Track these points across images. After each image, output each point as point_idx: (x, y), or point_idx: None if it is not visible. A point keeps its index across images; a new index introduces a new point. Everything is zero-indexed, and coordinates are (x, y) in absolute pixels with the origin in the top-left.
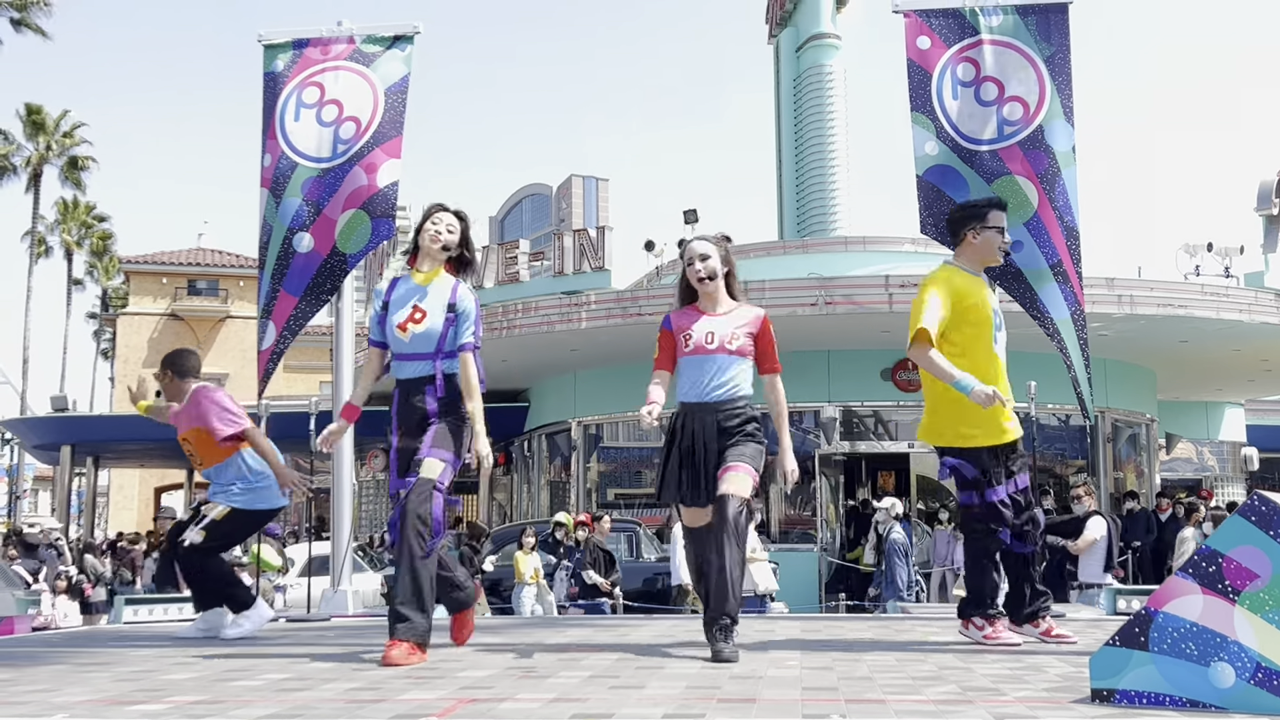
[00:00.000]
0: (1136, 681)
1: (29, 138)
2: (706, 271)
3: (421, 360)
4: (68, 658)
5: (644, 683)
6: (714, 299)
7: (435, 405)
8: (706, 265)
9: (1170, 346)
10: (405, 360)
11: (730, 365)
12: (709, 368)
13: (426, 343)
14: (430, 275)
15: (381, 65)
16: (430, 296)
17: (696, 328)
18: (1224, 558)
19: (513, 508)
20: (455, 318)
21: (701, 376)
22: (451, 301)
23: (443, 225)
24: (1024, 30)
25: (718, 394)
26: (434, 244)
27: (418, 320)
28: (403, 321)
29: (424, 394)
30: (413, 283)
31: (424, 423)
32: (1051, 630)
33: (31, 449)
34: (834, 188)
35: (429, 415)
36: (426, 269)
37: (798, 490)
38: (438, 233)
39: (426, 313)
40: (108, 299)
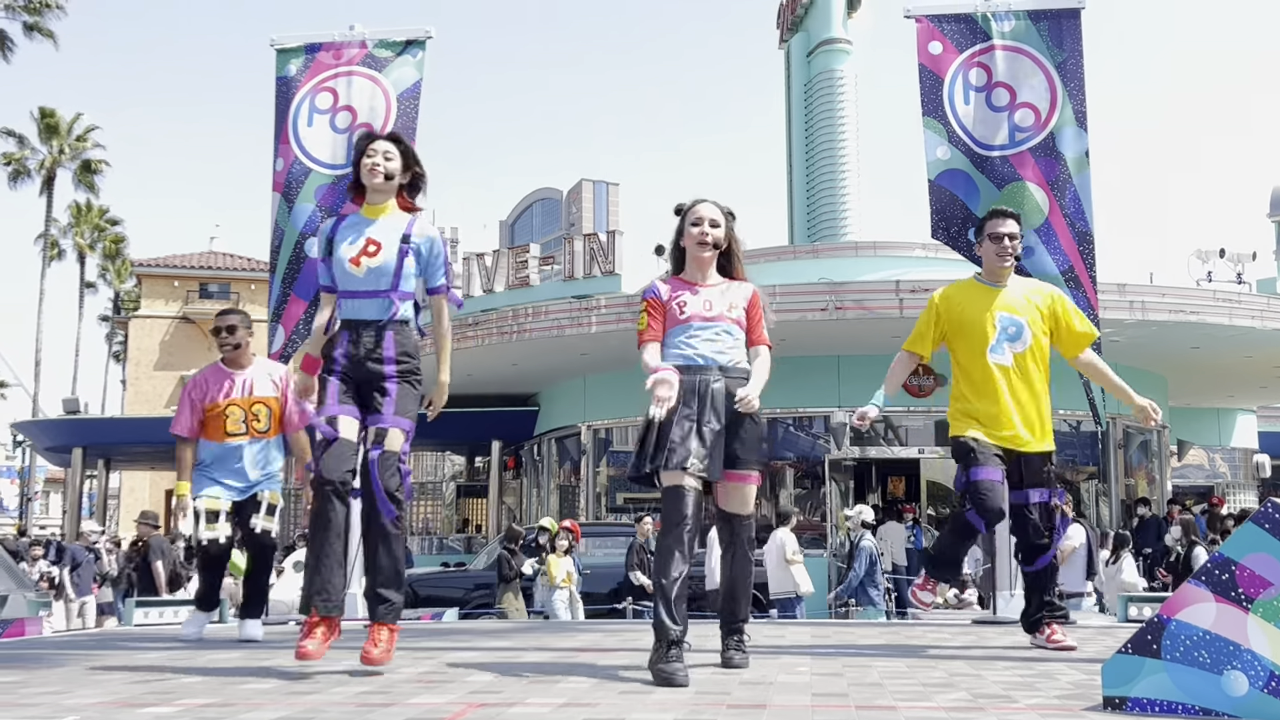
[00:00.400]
0: (1149, 689)
1: (43, 141)
2: (714, 239)
3: (377, 298)
4: (78, 660)
5: (654, 688)
6: (705, 271)
7: (393, 358)
8: (715, 233)
9: (1182, 353)
10: (359, 298)
11: (732, 331)
12: (710, 332)
13: (381, 278)
14: (379, 209)
15: (394, 70)
16: (382, 229)
17: (690, 297)
18: (1237, 565)
19: (522, 511)
20: (409, 250)
21: (703, 343)
22: (406, 233)
23: (379, 155)
24: (1036, 36)
25: (723, 359)
26: (374, 177)
27: (371, 253)
28: (355, 255)
29: (380, 342)
30: (361, 216)
31: (381, 379)
32: (1052, 636)
33: (43, 451)
34: (844, 193)
35: (386, 374)
36: (376, 203)
37: (807, 495)
38: (375, 165)
39: (381, 245)
40: (120, 302)
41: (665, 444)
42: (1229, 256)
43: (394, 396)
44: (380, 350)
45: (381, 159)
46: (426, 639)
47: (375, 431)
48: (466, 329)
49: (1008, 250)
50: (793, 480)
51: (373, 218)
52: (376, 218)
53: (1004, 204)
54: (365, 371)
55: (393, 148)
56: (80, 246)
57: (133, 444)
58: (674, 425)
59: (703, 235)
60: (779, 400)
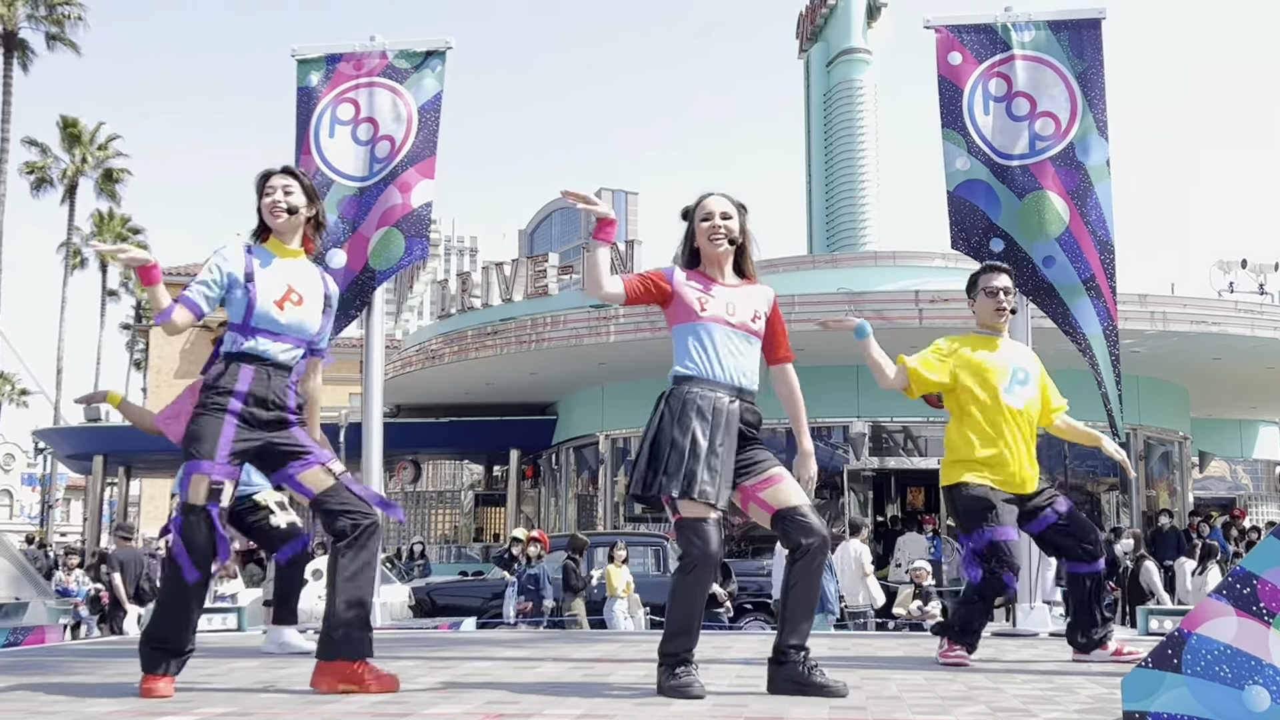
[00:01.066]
0: (1169, 704)
1: (65, 150)
2: (728, 232)
3: (295, 346)
4: (97, 668)
5: (670, 700)
6: (722, 268)
7: (293, 409)
8: (729, 225)
9: (1203, 364)
10: (275, 339)
11: (752, 347)
12: (730, 342)
13: (301, 331)
14: (294, 252)
15: (414, 82)
16: (304, 280)
17: (715, 291)
18: (1259, 580)
19: (540, 521)
20: (329, 312)
21: (723, 352)
22: (326, 293)
23: (278, 190)
24: (1056, 46)
25: (742, 380)
26: (276, 216)
27: (296, 303)
28: (280, 298)
29: (287, 386)
30: (273, 255)
31: (284, 425)
32: (1122, 650)
33: (64, 459)
34: (864, 202)
35: (287, 416)
36: (289, 244)
37: (825, 505)
38: (275, 202)
39: (303, 298)
40: (141, 310)
41: (675, 466)
42: (1251, 267)
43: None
44: (286, 399)
45: (281, 194)
46: (443, 648)
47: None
48: (485, 338)
49: (1004, 304)
50: (811, 490)
51: (285, 257)
52: (291, 258)
53: (1025, 214)
54: (268, 417)
55: (293, 182)
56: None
57: (153, 451)
58: (686, 446)
59: (714, 229)
60: None
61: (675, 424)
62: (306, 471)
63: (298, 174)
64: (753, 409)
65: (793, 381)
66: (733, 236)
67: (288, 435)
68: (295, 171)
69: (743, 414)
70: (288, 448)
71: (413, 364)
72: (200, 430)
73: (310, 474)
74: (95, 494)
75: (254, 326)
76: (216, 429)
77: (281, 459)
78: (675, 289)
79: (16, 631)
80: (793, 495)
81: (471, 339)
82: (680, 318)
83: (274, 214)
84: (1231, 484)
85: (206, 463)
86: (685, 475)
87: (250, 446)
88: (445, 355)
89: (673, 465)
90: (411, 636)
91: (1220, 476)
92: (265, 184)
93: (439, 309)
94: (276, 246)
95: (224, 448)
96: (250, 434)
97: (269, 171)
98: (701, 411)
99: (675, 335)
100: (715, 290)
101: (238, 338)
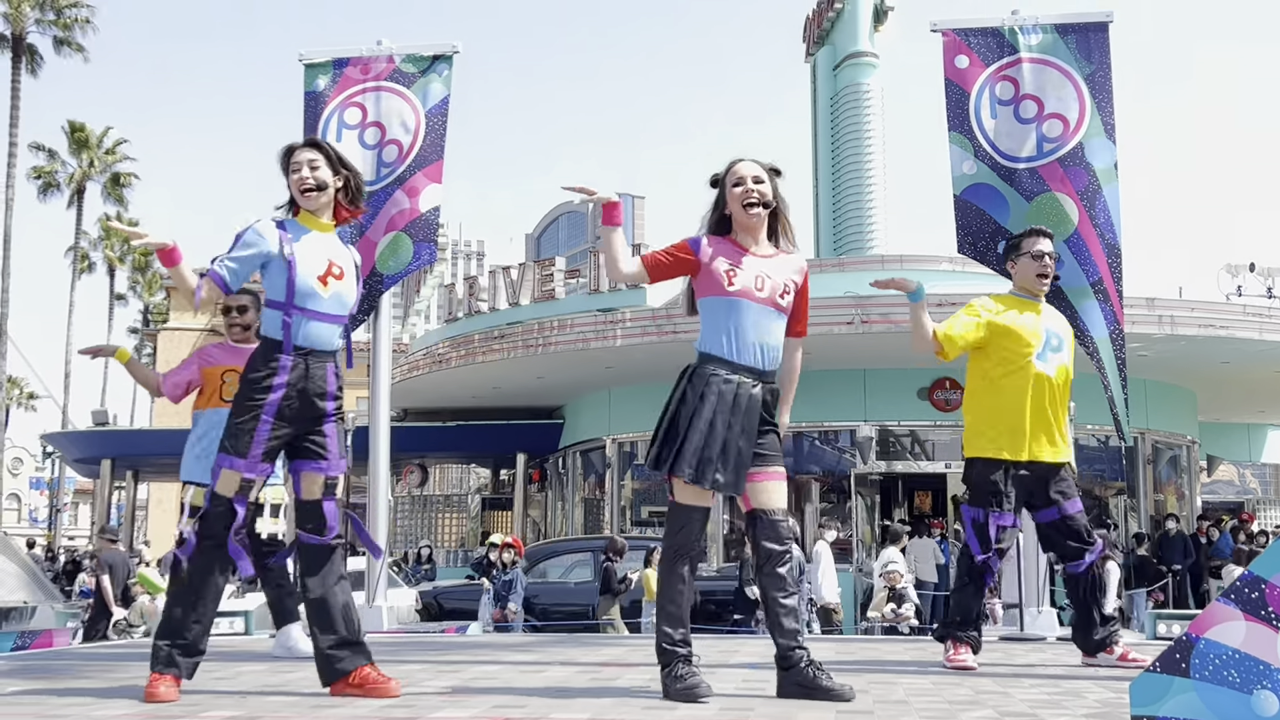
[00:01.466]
0: (1177, 709)
1: (72, 154)
2: (760, 197)
3: (337, 323)
4: (107, 672)
5: (677, 704)
6: (756, 236)
7: (334, 393)
8: (761, 190)
9: (1212, 367)
10: (319, 321)
11: (779, 325)
12: (759, 320)
13: (343, 305)
14: (326, 226)
15: (421, 86)
16: (339, 254)
17: (745, 263)
18: (1267, 584)
19: (547, 525)
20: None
21: (749, 331)
22: (358, 262)
23: (304, 166)
24: (1064, 49)
25: (768, 361)
26: (304, 195)
27: (338, 276)
28: (322, 274)
29: (327, 371)
30: (309, 230)
31: (321, 418)
32: (1127, 655)
33: (72, 462)
34: (871, 206)
35: (327, 412)
36: (322, 219)
37: (832, 510)
38: (303, 179)
39: (344, 272)
40: (149, 314)
41: (692, 449)
42: (1259, 271)
43: (335, 437)
44: (326, 385)
45: (307, 169)
46: (450, 652)
47: (325, 481)
48: (492, 341)
49: (1048, 268)
50: (819, 494)
51: (320, 231)
52: (324, 232)
53: (1034, 217)
54: (306, 409)
55: (317, 155)
56: (110, 259)
57: (161, 455)
58: (703, 431)
59: (747, 194)
60: (804, 414)
61: (697, 404)
62: (309, 474)
63: (323, 145)
64: (773, 388)
65: (796, 360)
66: (766, 200)
67: (318, 433)
68: (320, 143)
69: (764, 397)
70: (311, 447)
71: (420, 368)
72: (237, 425)
73: (310, 477)
74: (103, 498)
75: (296, 305)
76: (253, 426)
77: (299, 453)
78: (702, 260)
79: (24, 635)
80: (775, 498)
81: (478, 343)
82: (708, 289)
83: (302, 192)
84: (1240, 488)
85: (239, 460)
86: (700, 462)
87: (281, 441)
88: (452, 359)
89: (689, 447)
90: (418, 640)
91: (1229, 481)
92: (290, 160)
93: (446, 313)
94: (309, 221)
95: (258, 445)
96: (283, 428)
97: (292, 146)
98: (723, 396)
99: (701, 308)
100: (746, 261)
101: (280, 318)
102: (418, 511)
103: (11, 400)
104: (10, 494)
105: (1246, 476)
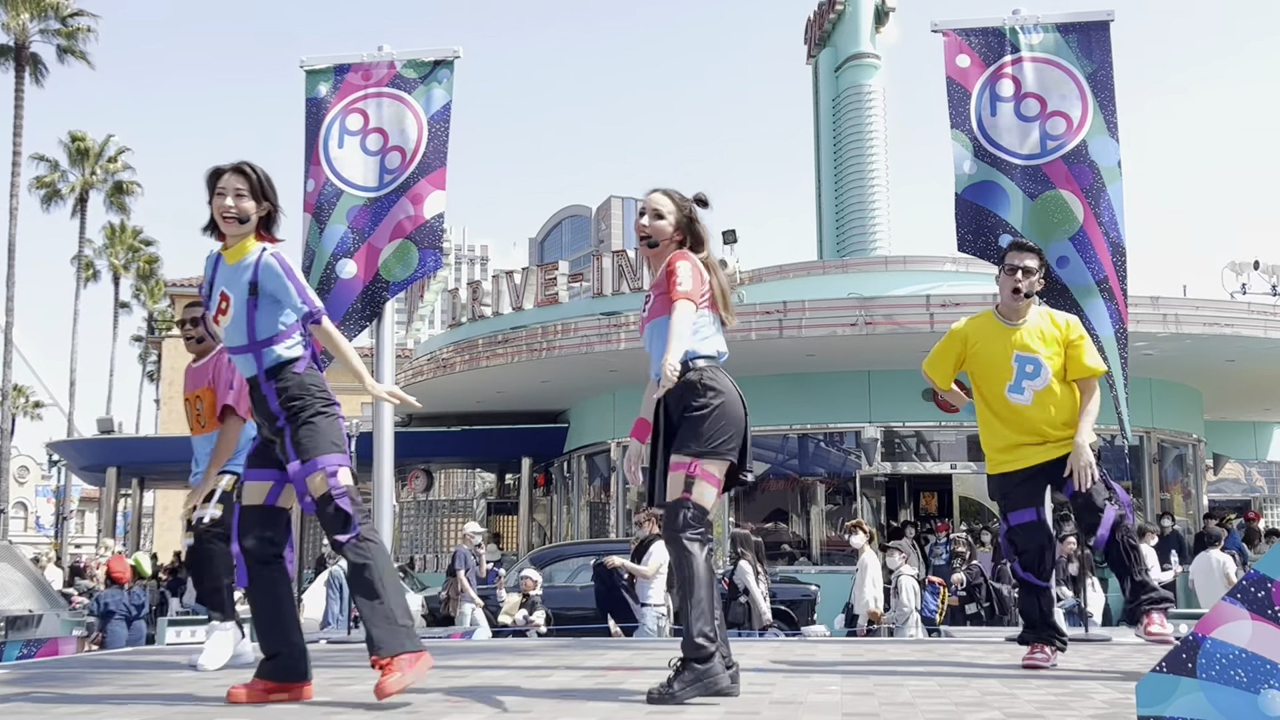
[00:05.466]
0: (1184, 709)
1: (74, 164)
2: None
3: (242, 354)
4: (112, 680)
5: (684, 707)
6: (655, 265)
7: (278, 411)
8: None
9: (1217, 366)
10: (234, 355)
11: (659, 330)
12: (647, 338)
13: (237, 334)
14: (237, 251)
15: (423, 92)
16: (235, 277)
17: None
18: (1273, 583)
19: (552, 529)
20: (257, 299)
21: (650, 350)
22: (252, 280)
23: (229, 193)
24: (1065, 48)
25: (655, 369)
26: (225, 219)
27: (223, 310)
28: (214, 314)
29: (266, 400)
30: (225, 264)
31: (276, 434)
32: (1150, 625)
33: (78, 470)
34: (874, 207)
35: (278, 426)
36: (234, 245)
37: (838, 511)
38: (227, 205)
39: (230, 299)
40: (154, 322)
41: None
42: (1264, 269)
43: (291, 444)
44: (267, 407)
45: (232, 198)
46: (455, 657)
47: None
48: (496, 346)
49: (1021, 284)
50: (824, 496)
51: (231, 262)
52: (235, 261)
53: (1038, 214)
54: (267, 432)
55: (242, 184)
56: (115, 267)
57: (167, 463)
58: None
59: (640, 229)
60: (810, 416)
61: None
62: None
63: (248, 171)
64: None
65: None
66: (651, 241)
67: (281, 444)
68: (246, 169)
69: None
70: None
71: (424, 373)
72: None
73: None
74: (109, 506)
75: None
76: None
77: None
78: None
79: (30, 644)
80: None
81: (482, 347)
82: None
83: (224, 220)
84: (1246, 486)
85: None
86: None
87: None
88: (456, 364)
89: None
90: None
91: (1235, 479)
92: (216, 183)
93: (450, 318)
94: (229, 253)
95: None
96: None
97: (219, 169)
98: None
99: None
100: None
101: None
102: (423, 517)
103: (17, 409)
104: (17, 502)
105: (1253, 474)
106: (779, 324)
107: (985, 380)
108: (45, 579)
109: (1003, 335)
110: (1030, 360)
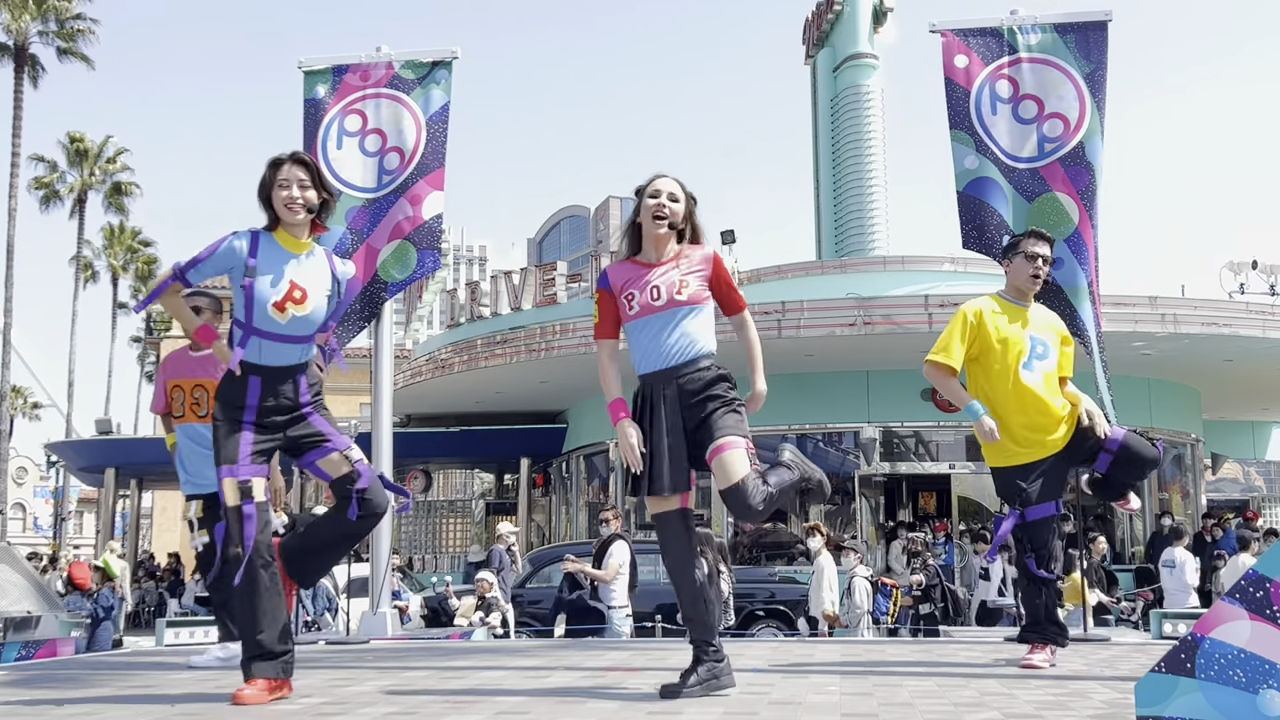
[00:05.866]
0: (1183, 709)
1: (72, 165)
2: (670, 214)
3: (299, 344)
4: (111, 681)
5: (681, 709)
6: (661, 248)
7: (307, 400)
8: (673, 208)
9: (1215, 365)
10: (276, 342)
11: (683, 318)
12: (659, 327)
13: (306, 326)
14: (299, 243)
15: (421, 93)
16: (309, 271)
17: (642, 284)
18: (1272, 583)
19: (551, 529)
20: (334, 297)
21: (653, 339)
22: (336, 277)
23: (293, 185)
24: (1063, 48)
25: (674, 358)
26: (294, 214)
27: (299, 300)
28: (279, 300)
29: (296, 383)
30: (282, 249)
31: (300, 418)
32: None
33: (76, 471)
34: (872, 207)
35: (304, 412)
36: (300, 237)
37: (837, 511)
38: (292, 198)
39: (307, 293)
40: (152, 323)
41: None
42: (1262, 268)
43: (322, 423)
44: (296, 396)
45: (297, 189)
46: (455, 658)
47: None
48: (495, 346)
49: (1041, 272)
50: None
51: (294, 252)
52: (298, 253)
53: (1035, 217)
54: (282, 419)
55: (306, 175)
56: (113, 268)
57: (165, 464)
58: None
59: (659, 208)
60: (808, 416)
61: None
62: (324, 459)
63: (309, 162)
64: (697, 376)
65: (748, 329)
66: (674, 221)
67: (305, 426)
68: (307, 160)
69: (686, 387)
70: (307, 439)
71: (422, 373)
72: (220, 439)
73: (327, 461)
74: (107, 506)
75: (255, 326)
76: (236, 437)
77: (302, 450)
78: (613, 293)
79: (28, 645)
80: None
81: (481, 348)
82: (624, 319)
83: (291, 210)
84: (1245, 486)
85: (230, 467)
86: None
87: (271, 446)
88: (455, 364)
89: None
90: (423, 646)
91: (1233, 478)
92: (277, 174)
93: (448, 318)
94: (285, 239)
95: (245, 450)
96: (269, 436)
97: (279, 160)
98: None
99: (627, 335)
100: (644, 279)
101: (243, 338)
102: (422, 517)
103: (16, 410)
104: (15, 503)
105: (1251, 474)
106: (778, 324)
107: (1000, 358)
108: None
109: (1018, 313)
110: (1041, 341)
